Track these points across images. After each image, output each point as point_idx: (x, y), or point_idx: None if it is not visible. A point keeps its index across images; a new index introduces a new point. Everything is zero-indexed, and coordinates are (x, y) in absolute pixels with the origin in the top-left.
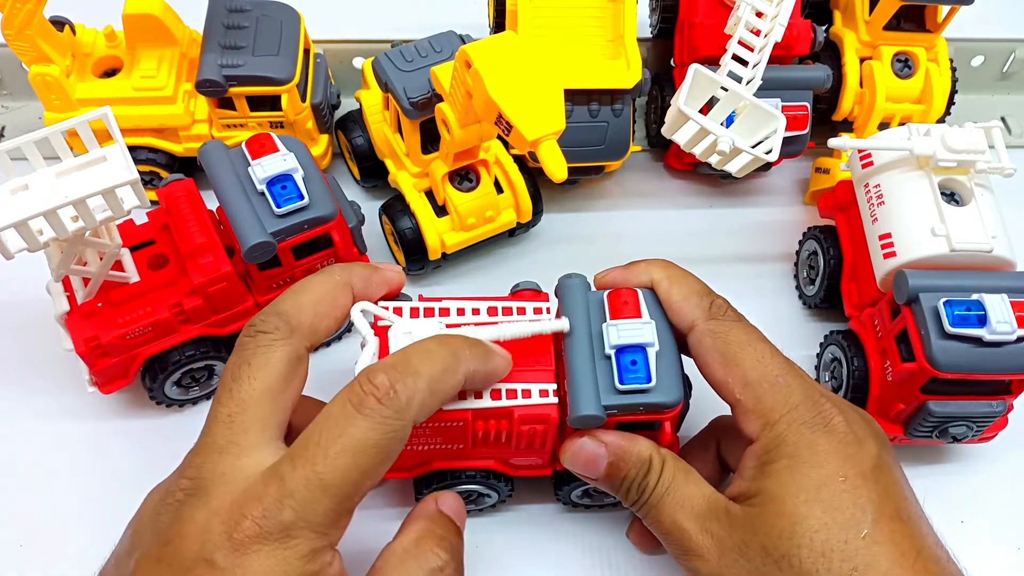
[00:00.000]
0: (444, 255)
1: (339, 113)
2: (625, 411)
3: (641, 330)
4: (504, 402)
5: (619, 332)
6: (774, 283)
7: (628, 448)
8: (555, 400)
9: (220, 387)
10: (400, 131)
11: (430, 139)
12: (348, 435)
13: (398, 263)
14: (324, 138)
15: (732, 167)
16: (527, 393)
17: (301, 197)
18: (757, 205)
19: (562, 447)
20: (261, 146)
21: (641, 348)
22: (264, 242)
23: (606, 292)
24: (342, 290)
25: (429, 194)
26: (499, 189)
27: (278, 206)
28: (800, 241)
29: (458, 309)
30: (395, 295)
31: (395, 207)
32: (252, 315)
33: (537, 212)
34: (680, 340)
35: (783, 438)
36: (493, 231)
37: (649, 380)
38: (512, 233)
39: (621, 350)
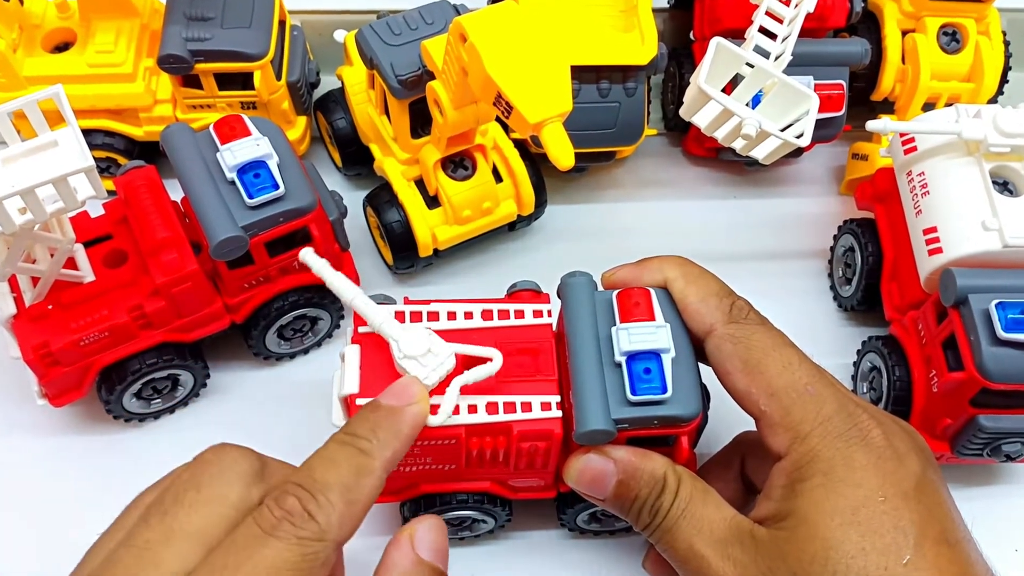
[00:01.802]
0: (436, 252)
1: (318, 93)
2: (637, 425)
3: (655, 334)
4: (501, 416)
5: (630, 337)
6: (805, 283)
7: (640, 465)
8: (558, 414)
9: (157, 500)
10: (387, 113)
11: (420, 122)
12: (260, 557)
13: (384, 259)
14: (302, 120)
15: (759, 153)
16: (527, 406)
17: (276, 187)
18: (786, 196)
19: (566, 464)
20: (231, 129)
21: (655, 355)
22: (234, 237)
23: (615, 292)
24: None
25: (419, 183)
26: (498, 178)
27: (250, 197)
28: (835, 236)
29: (449, 313)
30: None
31: (381, 198)
32: (221, 318)
33: (540, 203)
34: (697, 346)
35: (815, 453)
36: (491, 225)
37: (664, 390)
38: (512, 227)
39: (633, 357)
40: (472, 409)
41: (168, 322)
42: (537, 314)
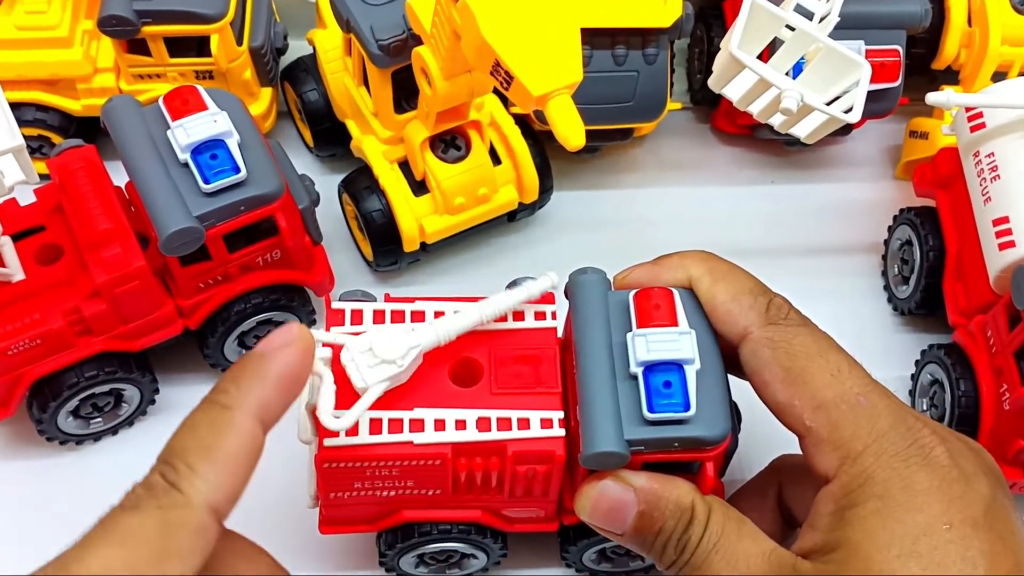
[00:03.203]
0: (424, 246)
1: (286, 60)
2: (655, 448)
3: (677, 342)
4: (494, 434)
5: (649, 345)
6: (855, 283)
7: (664, 493)
8: (561, 432)
9: (71, 547)
10: (366, 84)
11: (405, 94)
12: (115, 526)
13: (363, 255)
14: (267, 93)
15: (800, 130)
16: (525, 423)
17: (236, 170)
18: (833, 180)
19: (578, 493)
20: (184, 103)
21: (677, 366)
22: (188, 228)
23: (632, 292)
24: (257, 438)
25: (404, 166)
26: (495, 160)
27: (206, 182)
28: (890, 227)
29: (436, 313)
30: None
31: (359, 183)
32: (172, 324)
33: (545, 190)
34: (729, 354)
35: (869, 475)
36: (487, 215)
37: (687, 407)
38: (512, 217)
39: (651, 368)
40: (460, 425)
41: (110, 328)
42: (540, 316)
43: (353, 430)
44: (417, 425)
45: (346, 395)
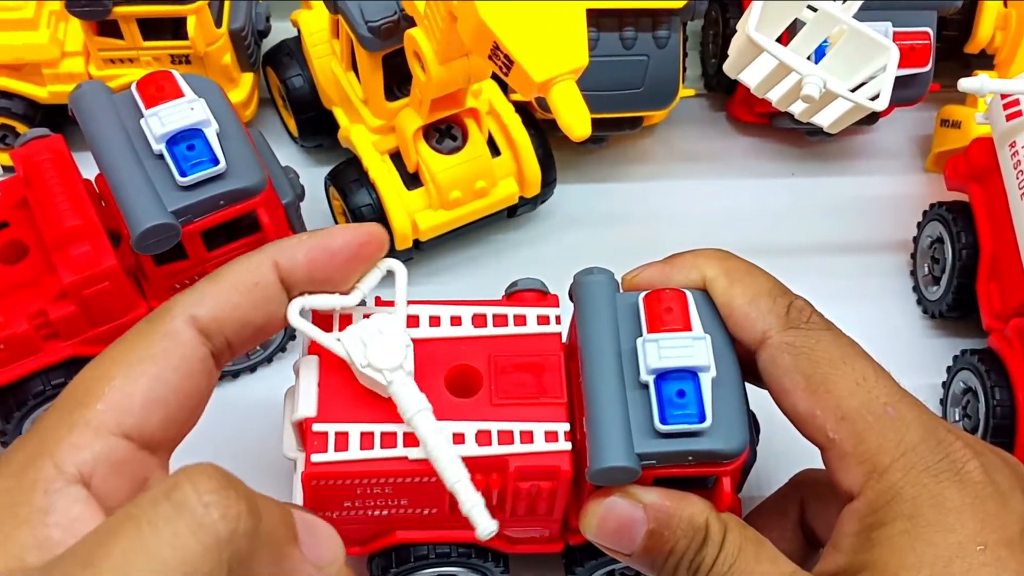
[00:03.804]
0: (417, 243)
1: (268, 43)
2: (667, 462)
3: (691, 348)
4: (495, 448)
5: (660, 350)
6: (882, 284)
7: (676, 511)
8: (567, 446)
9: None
10: (355, 69)
11: (397, 80)
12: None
13: None
14: (248, 78)
15: (823, 119)
16: (528, 436)
17: (215, 161)
18: (858, 173)
19: (583, 510)
20: (159, 89)
21: (691, 373)
22: (163, 225)
23: (642, 294)
24: (264, 273)
25: (396, 157)
26: (495, 151)
27: (183, 174)
28: (919, 224)
29: (431, 318)
30: (361, 266)
31: (347, 176)
32: None
33: (548, 183)
34: (746, 360)
35: (897, 491)
36: (486, 210)
37: (702, 418)
38: (513, 212)
39: (663, 376)
40: (458, 439)
41: (79, 332)
42: (543, 320)
43: (343, 444)
44: (412, 439)
45: (331, 401)
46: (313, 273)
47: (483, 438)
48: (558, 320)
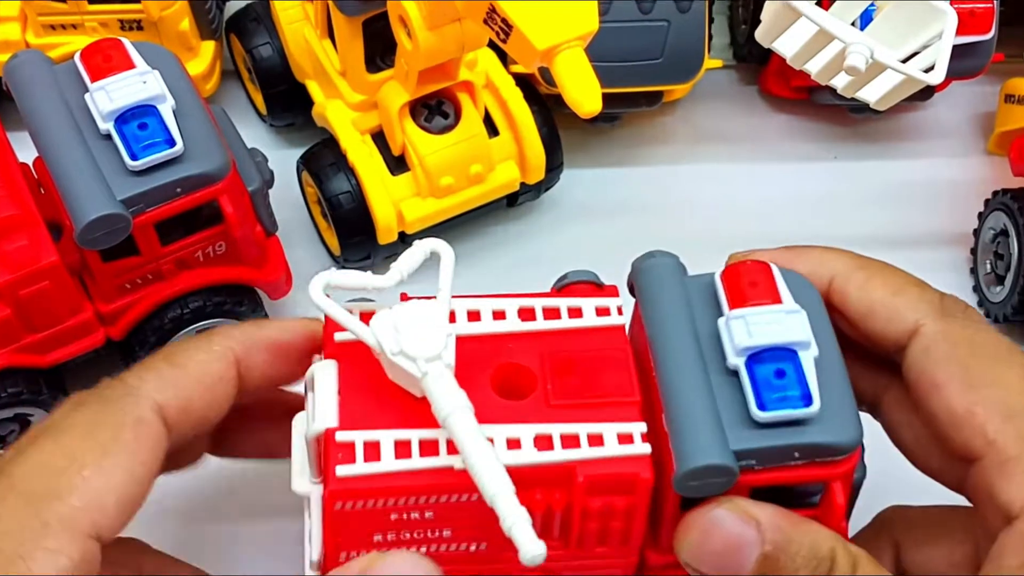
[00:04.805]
0: (403, 237)
1: (232, 8)
2: (769, 460)
3: (786, 322)
4: (559, 454)
5: (750, 327)
6: (938, 280)
7: (796, 535)
8: (646, 449)
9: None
10: (331, 36)
11: (380, 49)
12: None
13: (327, 248)
14: (208, 47)
15: (870, 94)
16: (597, 439)
17: (171, 143)
18: (910, 156)
19: (682, 525)
20: (106, 60)
21: (789, 351)
22: (111, 216)
23: (717, 273)
24: (227, 368)
25: (379, 138)
26: (492, 130)
27: (134, 157)
28: (980, 214)
29: (469, 312)
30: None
31: (323, 159)
32: (91, 333)
33: (553, 167)
34: (883, 355)
35: None
36: (482, 198)
37: (808, 401)
38: (513, 201)
39: (756, 357)
40: (513, 444)
41: (15, 339)
42: (602, 311)
43: (374, 454)
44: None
45: (356, 406)
46: (268, 374)
47: (543, 442)
48: (620, 311)
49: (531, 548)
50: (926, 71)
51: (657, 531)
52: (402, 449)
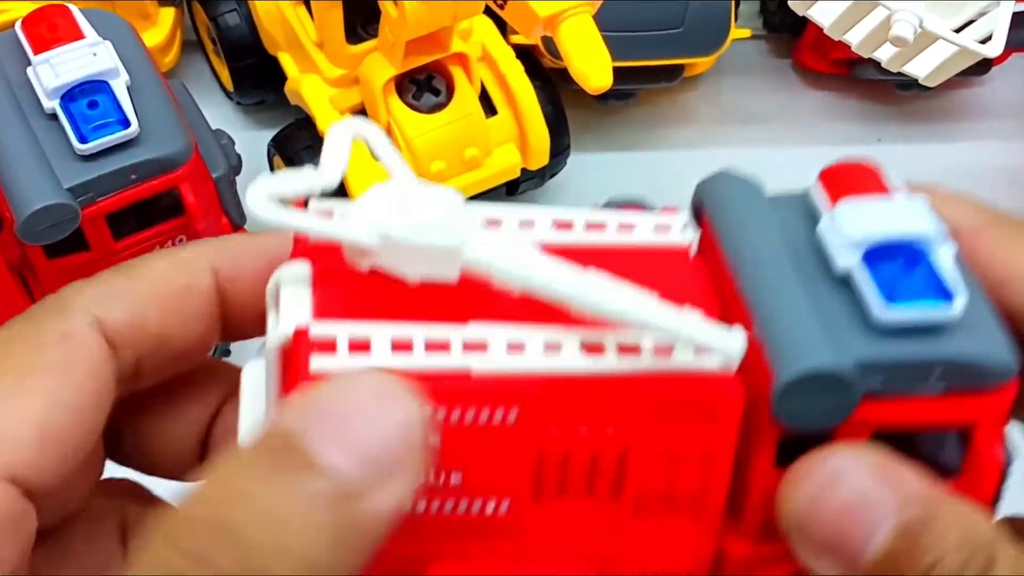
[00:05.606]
0: None
1: None
2: (901, 380)
3: (910, 213)
4: (612, 362)
5: (863, 216)
6: None
7: (945, 509)
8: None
9: None
10: (307, 2)
11: (363, 17)
12: None
13: None
14: (168, 15)
15: (919, 68)
16: (664, 349)
17: (125, 123)
18: (964, 138)
19: (789, 476)
20: (51, 29)
21: (916, 250)
22: (56, 206)
23: (815, 181)
24: (198, 275)
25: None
26: (490, 109)
27: (83, 140)
28: None
29: (522, 222)
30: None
31: (297, 141)
32: None
33: (559, 151)
34: None
35: None
36: (479, 185)
37: (949, 296)
38: (514, 189)
39: (875, 254)
40: (552, 347)
41: None
42: (662, 228)
43: (363, 347)
44: (476, 346)
45: (332, 298)
46: (262, 291)
47: (592, 347)
48: (683, 230)
49: (727, 342)
50: (982, 42)
51: (740, 506)
52: (401, 347)
